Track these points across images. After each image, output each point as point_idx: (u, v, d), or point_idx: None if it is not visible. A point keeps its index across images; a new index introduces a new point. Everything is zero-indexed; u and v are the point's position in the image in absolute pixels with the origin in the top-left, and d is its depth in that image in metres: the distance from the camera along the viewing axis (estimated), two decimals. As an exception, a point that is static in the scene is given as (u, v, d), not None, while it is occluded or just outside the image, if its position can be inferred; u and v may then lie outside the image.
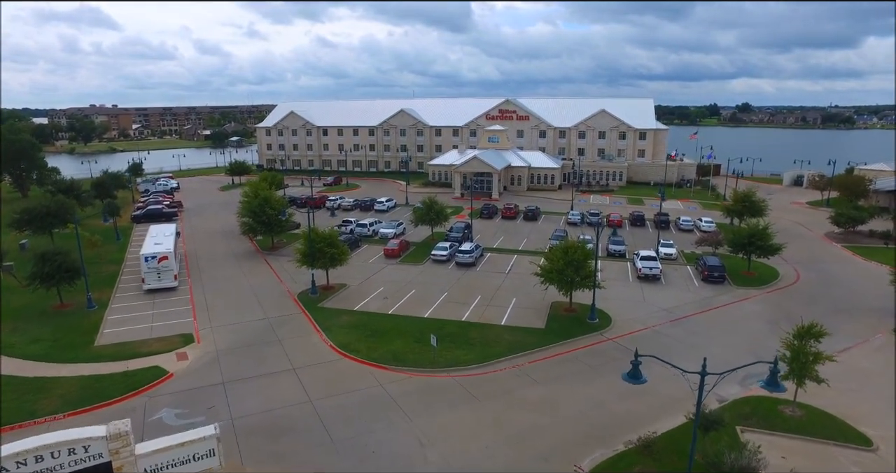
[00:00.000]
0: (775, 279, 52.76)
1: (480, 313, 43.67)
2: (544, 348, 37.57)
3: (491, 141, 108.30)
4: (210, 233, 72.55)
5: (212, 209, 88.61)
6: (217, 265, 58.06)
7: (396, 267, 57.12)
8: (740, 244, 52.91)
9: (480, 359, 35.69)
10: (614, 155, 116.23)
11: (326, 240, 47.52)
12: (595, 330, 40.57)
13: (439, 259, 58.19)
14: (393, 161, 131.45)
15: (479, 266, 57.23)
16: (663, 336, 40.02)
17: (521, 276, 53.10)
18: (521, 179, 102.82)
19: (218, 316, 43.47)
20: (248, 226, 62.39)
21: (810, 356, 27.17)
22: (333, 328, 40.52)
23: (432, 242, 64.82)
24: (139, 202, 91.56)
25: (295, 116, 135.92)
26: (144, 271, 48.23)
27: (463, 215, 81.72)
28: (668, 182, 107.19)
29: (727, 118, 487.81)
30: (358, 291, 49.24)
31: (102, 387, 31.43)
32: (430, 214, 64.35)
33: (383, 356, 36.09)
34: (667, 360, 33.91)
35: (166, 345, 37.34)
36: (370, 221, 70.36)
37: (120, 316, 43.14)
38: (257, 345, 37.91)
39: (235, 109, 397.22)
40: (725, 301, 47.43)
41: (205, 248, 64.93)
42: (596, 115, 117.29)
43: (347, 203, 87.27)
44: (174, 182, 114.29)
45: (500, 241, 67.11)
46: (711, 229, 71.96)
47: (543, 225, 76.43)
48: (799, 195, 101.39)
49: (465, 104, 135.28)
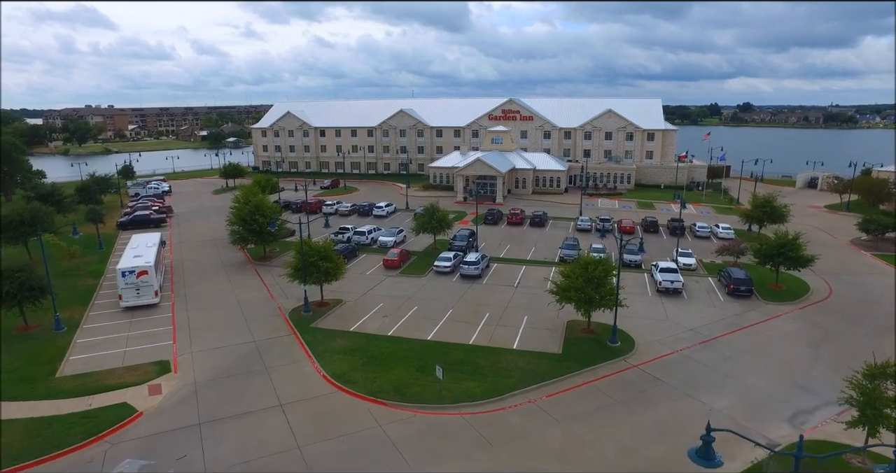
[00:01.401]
0: (806, 293, 48.71)
1: (489, 334, 39.65)
2: (562, 378, 33.53)
3: (494, 142, 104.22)
4: (200, 240, 68.50)
5: (203, 214, 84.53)
6: (204, 277, 54.02)
7: (397, 279, 53.10)
8: (769, 255, 48.92)
9: (492, 392, 31.65)
10: (621, 156, 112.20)
11: (320, 253, 43.44)
12: (617, 355, 36.54)
13: (443, 270, 54.15)
14: (392, 163, 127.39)
15: (485, 278, 53.18)
16: (693, 362, 36.00)
17: (532, 290, 49.11)
18: (526, 182, 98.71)
19: (200, 338, 39.42)
20: (238, 234, 58.26)
21: (891, 402, 23.01)
22: (327, 353, 36.48)
23: (435, 251, 60.81)
24: (127, 207, 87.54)
25: (292, 117, 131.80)
26: (121, 287, 44.13)
27: (466, 221, 77.74)
28: (677, 185, 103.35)
29: (728, 118, 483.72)
30: (355, 308, 45.21)
31: (55, 433, 27.20)
32: (432, 222, 60.26)
33: (383, 388, 32.06)
34: (703, 394, 30.26)
35: (138, 376, 33.26)
36: (369, 229, 66.25)
37: (91, 339, 39.04)
38: (241, 375, 33.84)
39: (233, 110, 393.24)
40: (755, 318, 43.41)
41: (193, 258, 60.89)
42: (602, 116, 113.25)
43: (345, 208, 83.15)
44: (166, 185, 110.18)
45: (506, 250, 63.04)
46: (730, 236, 68.04)
47: (551, 231, 72.38)
48: (814, 198, 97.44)
49: (466, 104, 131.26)
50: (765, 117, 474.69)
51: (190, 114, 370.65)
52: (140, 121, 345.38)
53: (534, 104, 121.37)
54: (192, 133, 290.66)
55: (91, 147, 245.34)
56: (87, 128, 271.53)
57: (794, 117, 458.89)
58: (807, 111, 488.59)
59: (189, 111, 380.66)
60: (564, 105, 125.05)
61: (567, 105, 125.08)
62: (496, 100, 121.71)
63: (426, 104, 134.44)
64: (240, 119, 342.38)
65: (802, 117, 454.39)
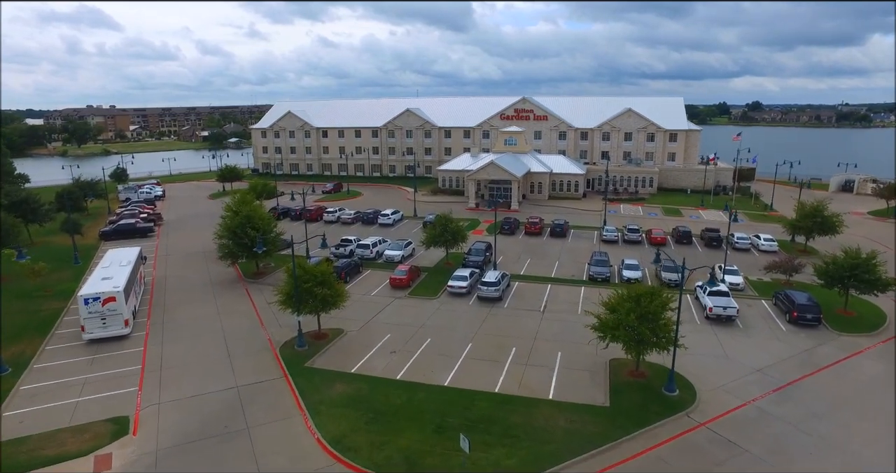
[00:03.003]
0: (883, 322, 41.83)
1: (519, 377, 33.06)
2: (616, 444, 26.88)
3: (508, 143, 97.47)
4: (188, 253, 62.15)
5: (196, 221, 78.13)
6: (187, 299, 47.63)
7: (405, 301, 46.57)
8: (838, 276, 42.12)
9: (529, 464, 25.08)
10: (642, 158, 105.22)
11: (316, 278, 36.90)
12: (678, 409, 29.87)
13: (458, 292, 47.56)
14: (398, 165, 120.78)
15: (506, 300, 46.55)
16: (774, 419, 29.25)
17: (561, 316, 42.53)
18: (542, 187, 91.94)
19: (173, 382, 32.98)
20: (227, 249, 51.74)
21: None
22: (324, 405, 29.95)
23: (448, 267, 54.30)
24: (115, 213, 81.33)
25: (292, 117, 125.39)
26: (84, 317, 37.68)
27: (480, 230, 71.12)
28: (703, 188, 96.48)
29: (738, 117, 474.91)
30: (357, 340, 38.71)
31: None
32: (444, 235, 53.64)
33: (391, 458, 25.53)
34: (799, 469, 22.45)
35: (86, 441, 26.75)
36: (373, 241, 59.65)
37: (38, 385, 32.59)
38: (216, 439, 27.33)
39: (236, 110, 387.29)
40: (832, 355, 36.63)
41: (178, 274, 54.56)
42: (622, 115, 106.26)
43: (347, 216, 76.52)
44: (160, 189, 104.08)
45: (526, 265, 56.37)
46: (773, 249, 61.26)
47: (574, 243, 65.66)
48: (853, 203, 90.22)
49: (476, 103, 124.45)
50: (775, 116, 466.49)
51: (192, 114, 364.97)
52: (142, 121, 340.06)
53: (547, 103, 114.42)
54: (193, 133, 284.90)
55: (90, 148, 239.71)
56: (87, 128, 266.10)
57: (805, 116, 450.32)
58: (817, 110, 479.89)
59: (191, 111, 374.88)
60: (579, 104, 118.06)
61: (582, 104, 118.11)
62: (508, 99, 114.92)
63: (433, 103, 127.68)
64: (242, 119, 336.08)
65: (814, 116, 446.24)
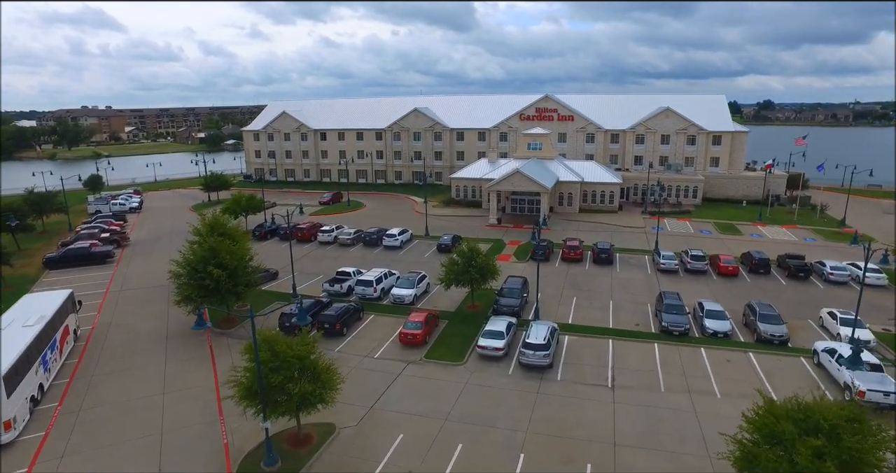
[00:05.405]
0: None
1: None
2: None
3: (531, 147, 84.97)
4: (148, 287, 50.00)
5: (168, 242, 65.70)
6: (126, 364, 35.45)
7: (421, 369, 34.28)
8: None
9: None
10: (681, 164, 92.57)
11: (295, 365, 24.44)
12: None
13: (492, 354, 35.21)
14: (405, 171, 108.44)
15: (558, 368, 34.20)
16: None
17: (640, 397, 30.22)
18: (573, 198, 79.28)
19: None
20: (186, 291, 39.14)
21: None
22: None
23: (472, 311, 42.03)
24: (76, 231, 69.30)
25: (287, 118, 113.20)
26: (-53, 418, 25.55)
27: (507, 256, 58.62)
28: (758, 199, 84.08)
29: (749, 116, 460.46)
30: (357, 445, 26.43)
31: None
32: (469, 272, 41.04)
33: None
34: None
35: None
36: (377, 275, 46.98)
37: None
38: None
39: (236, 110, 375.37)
40: None
41: (125, 322, 42.42)
42: (658, 115, 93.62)
43: (346, 236, 63.93)
44: (137, 199, 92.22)
45: (574, 309, 43.86)
46: (882, 282, 48.74)
47: (625, 272, 53.12)
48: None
49: (491, 102, 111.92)
50: (789, 115, 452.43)
51: (191, 115, 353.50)
52: (140, 122, 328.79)
53: (572, 101, 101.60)
54: (189, 135, 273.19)
55: (81, 151, 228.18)
56: (79, 130, 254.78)
57: (820, 115, 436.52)
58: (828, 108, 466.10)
59: (190, 111, 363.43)
60: (608, 102, 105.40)
61: (611, 102, 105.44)
62: (528, 98, 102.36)
63: (443, 102, 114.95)
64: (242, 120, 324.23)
65: (830, 115, 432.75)
